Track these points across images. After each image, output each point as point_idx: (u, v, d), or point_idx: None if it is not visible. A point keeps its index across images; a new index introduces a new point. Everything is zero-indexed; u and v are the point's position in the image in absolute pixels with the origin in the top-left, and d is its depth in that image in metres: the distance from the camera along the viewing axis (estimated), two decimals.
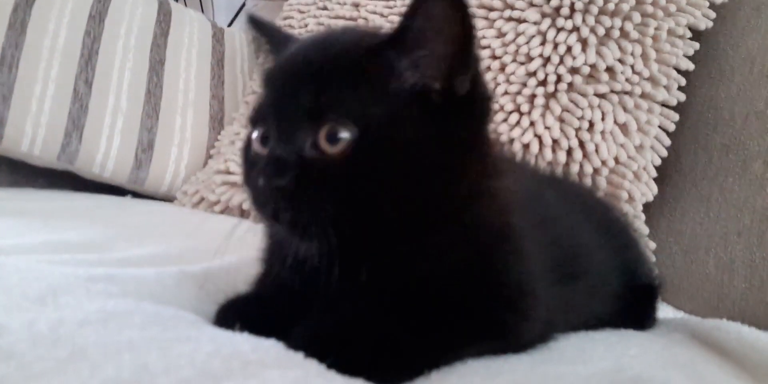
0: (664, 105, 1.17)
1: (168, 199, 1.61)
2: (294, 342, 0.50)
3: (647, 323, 0.83)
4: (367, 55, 0.55)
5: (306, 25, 1.60)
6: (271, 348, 0.48)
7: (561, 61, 1.14)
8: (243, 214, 1.40)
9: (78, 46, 1.52)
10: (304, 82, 0.54)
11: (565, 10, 1.15)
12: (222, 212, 1.43)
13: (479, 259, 0.58)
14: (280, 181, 0.53)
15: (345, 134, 0.52)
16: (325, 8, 1.58)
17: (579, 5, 1.14)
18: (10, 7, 1.45)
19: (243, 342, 0.48)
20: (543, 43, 1.16)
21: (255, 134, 0.59)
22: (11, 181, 1.54)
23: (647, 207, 1.18)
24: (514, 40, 1.18)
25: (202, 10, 3.10)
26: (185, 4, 2.79)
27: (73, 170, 1.51)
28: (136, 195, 1.58)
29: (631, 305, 0.78)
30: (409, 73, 0.55)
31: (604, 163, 1.13)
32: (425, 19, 0.53)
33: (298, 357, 0.48)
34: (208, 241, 1.00)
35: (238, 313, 0.57)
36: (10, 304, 0.47)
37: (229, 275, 0.74)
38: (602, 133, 1.13)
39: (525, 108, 1.14)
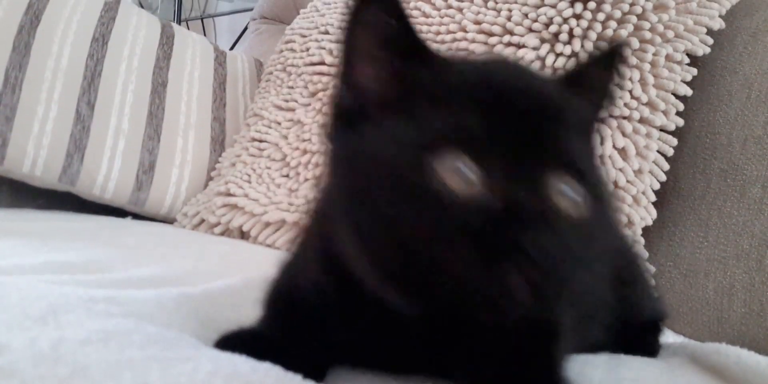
0: (662, 130, 1.18)
1: (168, 220, 1.61)
2: None
3: (651, 355, 0.82)
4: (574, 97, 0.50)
5: (308, 49, 1.61)
6: (270, 369, 0.48)
7: None
8: (243, 235, 1.40)
9: (81, 68, 1.53)
10: (552, 118, 0.46)
11: (564, 36, 1.16)
12: (222, 234, 1.44)
13: None
14: (550, 241, 0.41)
15: (576, 188, 0.45)
16: (326, 32, 1.60)
17: (578, 31, 1.16)
18: (15, 29, 1.46)
19: (242, 363, 0.48)
20: (542, 68, 1.17)
21: (445, 163, 0.43)
22: (12, 202, 1.54)
23: (646, 231, 1.18)
24: None
25: (205, 34, 3.13)
26: (188, 27, 2.82)
27: (74, 191, 1.52)
28: (137, 216, 1.58)
29: (635, 339, 0.78)
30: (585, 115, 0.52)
31: None
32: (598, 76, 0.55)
33: (297, 378, 0.48)
34: (208, 263, 1.01)
35: (239, 343, 0.54)
36: (11, 323, 0.47)
37: (230, 297, 0.74)
38: (601, 157, 1.13)
39: None
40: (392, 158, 0.44)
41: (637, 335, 0.78)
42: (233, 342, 0.55)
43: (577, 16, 1.17)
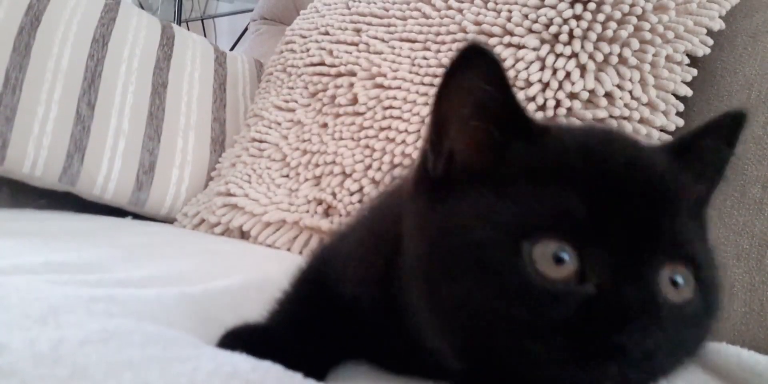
0: (662, 130, 1.18)
1: (168, 220, 1.61)
2: None
3: None
4: (683, 174, 0.48)
5: (308, 50, 1.61)
6: (271, 368, 0.48)
7: (560, 87, 1.15)
8: (243, 235, 1.40)
9: (81, 68, 1.53)
10: (663, 205, 0.44)
11: (564, 37, 1.16)
12: (222, 234, 1.44)
13: None
14: (652, 343, 0.39)
15: (687, 276, 0.43)
16: (327, 33, 1.60)
17: (578, 32, 1.15)
18: (15, 30, 1.46)
19: (243, 362, 0.48)
20: (542, 69, 1.17)
21: (540, 248, 0.41)
22: (12, 202, 1.54)
23: None
24: (513, 66, 1.19)
25: (205, 34, 3.14)
26: (188, 28, 2.82)
27: (75, 192, 1.52)
28: (137, 217, 1.58)
29: None
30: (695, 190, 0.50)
31: None
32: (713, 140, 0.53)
33: (298, 377, 0.48)
34: (209, 263, 1.01)
35: (243, 340, 0.54)
36: (10, 324, 0.47)
37: (230, 297, 0.74)
38: None
39: None
40: (486, 239, 0.42)
41: None
42: (238, 338, 0.55)
43: (577, 17, 1.17)
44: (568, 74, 1.16)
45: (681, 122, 1.19)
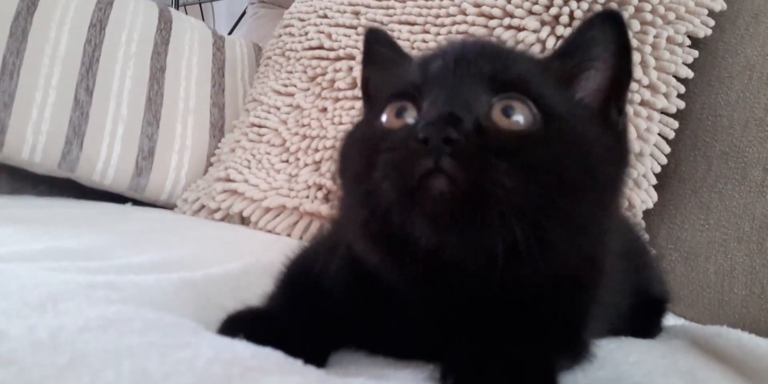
0: (663, 112, 1.18)
1: (168, 206, 1.61)
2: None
3: (653, 334, 0.82)
4: (545, 59, 0.58)
5: (306, 33, 1.60)
6: (270, 354, 0.48)
7: None
8: (243, 221, 1.40)
9: (79, 54, 1.52)
10: (488, 57, 0.53)
11: (564, 18, 1.15)
12: (222, 220, 1.44)
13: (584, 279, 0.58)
14: (452, 133, 0.45)
15: (524, 112, 0.50)
16: (325, 16, 1.59)
17: (578, 13, 1.15)
18: (12, 15, 1.46)
19: (243, 349, 0.48)
20: (542, 51, 1.16)
21: (387, 110, 0.54)
22: (12, 189, 1.54)
23: (647, 214, 1.18)
24: None
25: (203, 18, 3.12)
26: (186, 12, 2.80)
27: (74, 178, 1.51)
28: (137, 202, 1.58)
29: (639, 317, 0.78)
30: (574, 87, 0.57)
31: None
32: (588, 38, 0.57)
33: (298, 363, 0.48)
34: (209, 249, 1.01)
35: (244, 325, 0.54)
36: (9, 311, 0.47)
37: (230, 282, 0.74)
38: None
39: None
40: (370, 117, 0.58)
41: (641, 313, 0.78)
42: (239, 323, 0.55)
43: None
44: None
45: (682, 104, 1.18)
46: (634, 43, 1.14)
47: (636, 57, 1.13)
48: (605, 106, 0.57)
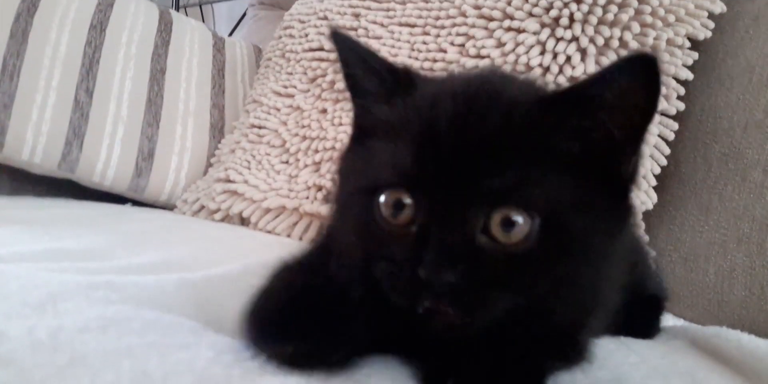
0: (663, 114, 1.18)
1: (168, 207, 1.61)
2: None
3: (651, 334, 0.82)
4: (548, 121, 0.48)
5: (306, 35, 1.60)
6: None
7: (560, 71, 1.15)
8: (243, 222, 1.40)
9: (79, 55, 1.53)
10: (482, 154, 0.47)
11: (565, 21, 1.16)
12: (222, 220, 1.44)
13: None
14: (448, 277, 0.45)
15: (522, 220, 0.46)
16: (325, 18, 1.59)
17: (578, 15, 1.15)
18: (12, 16, 1.46)
19: (243, 349, 0.48)
20: (542, 53, 1.16)
21: (383, 198, 0.50)
22: (12, 189, 1.54)
23: (647, 215, 1.18)
24: (513, 50, 1.19)
25: (203, 20, 3.12)
26: (186, 14, 2.81)
27: (74, 179, 1.51)
28: (136, 203, 1.58)
29: (637, 316, 0.78)
30: (581, 144, 0.49)
31: None
32: (615, 89, 0.47)
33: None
34: (208, 249, 1.01)
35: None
36: (9, 311, 0.47)
37: (230, 283, 0.74)
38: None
39: None
40: (358, 188, 0.53)
41: (639, 312, 0.78)
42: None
43: (578, 1, 1.15)
44: (568, 58, 1.15)
45: (682, 106, 1.18)
46: (634, 44, 1.14)
47: None
48: (618, 157, 0.52)
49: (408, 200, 0.48)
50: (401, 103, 0.53)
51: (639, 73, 0.47)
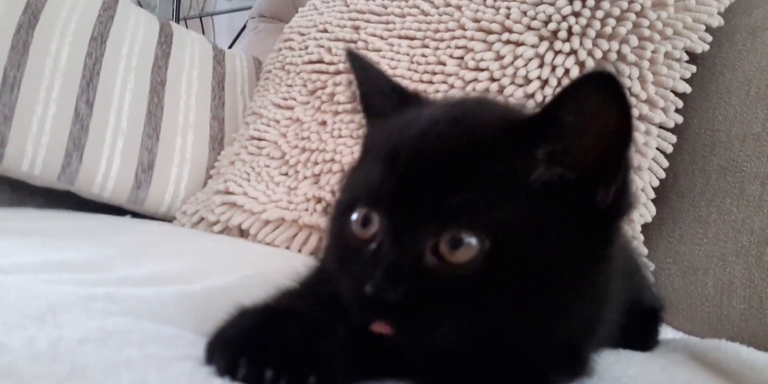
0: (661, 127, 1.18)
1: (167, 219, 1.61)
2: None
3: (649, 345, 0.82)
4: (509, 145, 0.48)
5: (306, 47, 1.61)
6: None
7: (559, 84, 1.15)
8: (242, 234, 1.40)
9: (79, 67, 1.53)
10: (437, 174, 0.48)
11: (563, 34, 1.16)
12: (221, 232, 1.44)
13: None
14: (392, 296, 0.46)
15: (472, 241, 0.46)
16: (325, 31, 1.59)
17: (576, 29, 1.15)
18: (13, 28, 1.46)
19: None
20: (541, 66, 1.17)
21: (355, 216, 0.52)
22: (11, 201, 1.54)
23: (646, 228, 1.18)
24: (512, 63, 1.19)
25: (203, 32, 3.13)
26: (186, 26, 2.82)
27: (73, 190, 1.51)
28: (136, 215, 1.58)
29: (635, 327, 0.78)
30: (545, 170, 0.48)
31: None
32: (574, 111, 0.46)
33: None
34: (208, 261, 1.01)
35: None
36: (9, 323, 0.47)
37: (229, 295, 0.74)
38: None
39: None
40: (342, 203, 0.55)
41: (637, 324, 0.78)
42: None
43: (576, 14, 1.16)
44: (567, 71, 1.15)
45: (680, 119, 1.19)
46: (632, 58, 1.14)
47: (634, 72, 1.14)
48: (592, 186, 0.50)
49: (375, 217, 0.50)
50: (388, 123, 0.56)
51: (597, 92, 0.45)
